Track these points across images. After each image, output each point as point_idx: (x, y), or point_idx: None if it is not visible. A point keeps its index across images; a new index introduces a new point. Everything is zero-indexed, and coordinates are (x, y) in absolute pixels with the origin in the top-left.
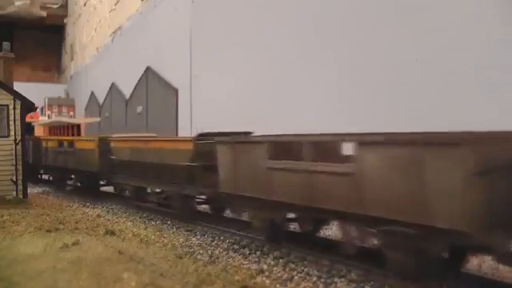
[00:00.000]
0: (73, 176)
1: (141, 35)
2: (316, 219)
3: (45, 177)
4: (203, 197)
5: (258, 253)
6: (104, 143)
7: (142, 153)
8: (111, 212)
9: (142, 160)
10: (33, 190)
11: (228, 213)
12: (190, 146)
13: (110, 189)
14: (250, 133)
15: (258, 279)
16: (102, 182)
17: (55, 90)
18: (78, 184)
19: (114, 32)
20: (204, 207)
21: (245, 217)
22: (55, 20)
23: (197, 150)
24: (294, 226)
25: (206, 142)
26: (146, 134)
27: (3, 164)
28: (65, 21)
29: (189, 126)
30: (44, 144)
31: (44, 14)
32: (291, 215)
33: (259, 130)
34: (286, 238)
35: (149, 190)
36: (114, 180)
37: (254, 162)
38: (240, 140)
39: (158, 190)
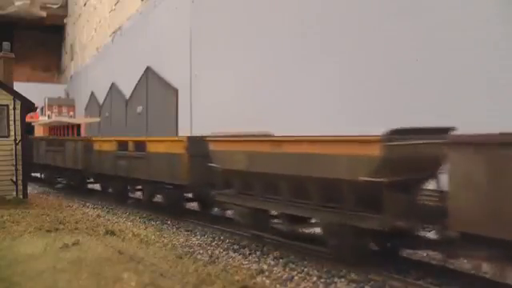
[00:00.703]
0: (140, 187)
1: (141, 35)
2: None
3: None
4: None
5: (257, 253)
6: (197, 145)
7: (269, 160)
8: (111, 212)
9: (270, 170)
10: (33, 190)
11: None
12: (374, 151)
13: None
14: (451, 129)
15: (258, 279)
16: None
17: (55, 90)
18: (150, 198)
19: (114, 32)
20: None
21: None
22: (55, 20)
23: (388, 158)
24: None
25: (414, 143)
26: (263, 132)
27: (3, 164)
28: (65, 21)
29: (189, 126)
30: (96, 146)
31: (44, 14)
32: None
33: (259, 130)
34: None
35: (273, 213)
36: (214, 197)
37: None
38: None
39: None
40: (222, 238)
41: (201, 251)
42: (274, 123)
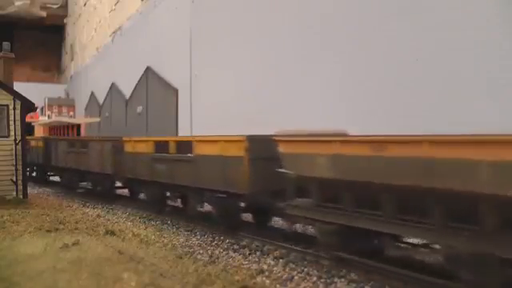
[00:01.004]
0: (179, 194)
1: (141, 35)
2: None
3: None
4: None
5: (257, 253)
6: (260, 146)
7: (367, 165)
8: (111, 212)
9: (368, 179)
10: (33, 190)
11: None
12: None
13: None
14: None
15: (258, 279)
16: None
17: (55, 90)
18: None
19: (114, 32)
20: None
21: None
22: (55, 20)
23: None
24: None
25: None
26: (339, 131)
27: (3, 164)
28: (65, 21)
29: (189, 126)
30: (128, 148)
31: (44, 14)
32: None
33: (259, 130)
34: None
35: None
36: (284, 210)
37: None
38: None
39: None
40: (221, 237)
41: (201, 251)
42: (274, 123)
